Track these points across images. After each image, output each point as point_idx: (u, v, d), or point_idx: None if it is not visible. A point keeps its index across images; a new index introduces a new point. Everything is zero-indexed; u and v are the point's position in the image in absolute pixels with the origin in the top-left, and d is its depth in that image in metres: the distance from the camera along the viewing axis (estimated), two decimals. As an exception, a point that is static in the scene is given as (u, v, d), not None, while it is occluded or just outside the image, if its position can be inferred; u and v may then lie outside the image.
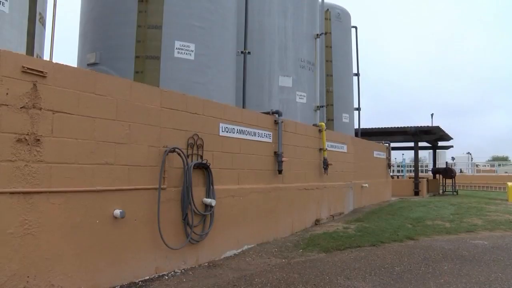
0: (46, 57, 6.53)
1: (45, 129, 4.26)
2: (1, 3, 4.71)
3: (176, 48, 7.24)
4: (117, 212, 4.87)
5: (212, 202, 6.29)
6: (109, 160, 4.92)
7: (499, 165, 50.60)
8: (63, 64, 4.52)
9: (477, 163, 49.59)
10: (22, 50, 5.11)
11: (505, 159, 68.42)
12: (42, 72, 4.21)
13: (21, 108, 4.06)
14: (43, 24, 5.80)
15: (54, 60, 4.81)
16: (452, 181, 25.73)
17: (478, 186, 34.30)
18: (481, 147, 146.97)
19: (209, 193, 6.38)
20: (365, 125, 35.03)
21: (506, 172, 40.79)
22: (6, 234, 3.89)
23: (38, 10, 5.43)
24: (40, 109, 4.22)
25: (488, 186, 33.35)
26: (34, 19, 5.33)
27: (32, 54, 5.36)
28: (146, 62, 7.09)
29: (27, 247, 4.05)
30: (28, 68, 4.08)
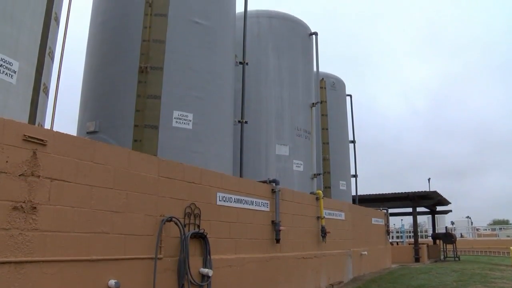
0: (47, 125, 6.63)
1: (42, 197, 4.24)
2: (10, 75, 4.86)
3: (174, 118, 7.38)
4: (111, 282, 4.74)
5: (209, 272, 6.14)
6: (105, 229, 4.86)
7: (500, 228, 49.89)
8: (63, 133, 4.60)
9: (477, 227, 48.93)
10: (25, 119, 5.20)
11: (505, 222, 67.58)
12: (42, 140, 4.28)
13: (19, 175, 4.07)
14: (46, 93, 5.94)
15: (54, 128, 4.90)
16: (453, 246, 25.25)
17: (479, 251, 33.61)
18: (479, 210, 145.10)
19: (206, 263, 6.24)
20: (362, 191, 34.80)
21: (509, 236, 39.99)
22: (-6, 308, 3.75)
23: (43, 80, 5.59)
24: (39, 176, 4.23)
25: (490, 251, 32.68)
26: (38, 89, 5.47)
27: (34, 123, 5.44)
28: (145, 131, 7.19)
29: (16, 321, 3.88)
30: (29, 136, 4.15)
